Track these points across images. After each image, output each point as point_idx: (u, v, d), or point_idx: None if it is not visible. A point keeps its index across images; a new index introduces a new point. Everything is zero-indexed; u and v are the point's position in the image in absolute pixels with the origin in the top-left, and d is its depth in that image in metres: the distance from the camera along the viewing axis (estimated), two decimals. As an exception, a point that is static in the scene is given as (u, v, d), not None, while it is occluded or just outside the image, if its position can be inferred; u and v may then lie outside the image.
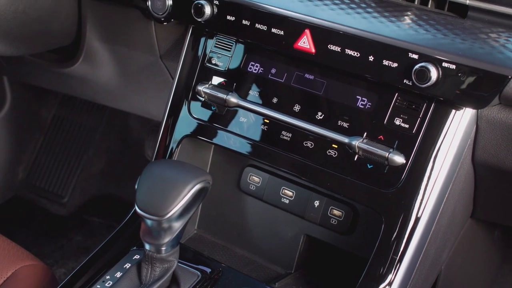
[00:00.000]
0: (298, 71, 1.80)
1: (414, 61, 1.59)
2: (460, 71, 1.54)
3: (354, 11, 1.70)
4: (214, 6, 1.84)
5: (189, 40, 1.97)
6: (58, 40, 2.26)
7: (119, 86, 2.40)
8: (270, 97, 1.81)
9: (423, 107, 1.65)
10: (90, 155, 3.32)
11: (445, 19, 1.64)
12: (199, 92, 1.90)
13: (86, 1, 2.18)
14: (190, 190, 1.56)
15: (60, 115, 3.39)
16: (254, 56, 1.86)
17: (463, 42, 1.56)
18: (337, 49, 1.69)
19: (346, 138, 1.70)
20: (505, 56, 1.52)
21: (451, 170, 1.66)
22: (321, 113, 1.75)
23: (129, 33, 2.18)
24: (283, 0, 1.77)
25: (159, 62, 2.17)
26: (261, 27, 1.78)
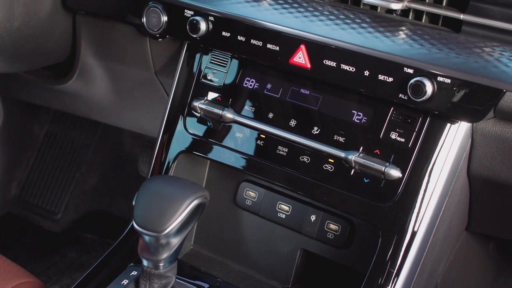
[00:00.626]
0: (294, 86, 1.80)
1: (409, 75, 1.60)
2: (455, 85, 1.56)
3: (349, 26, 1.71)
4: (209, 22, 1.85)
5: (184, 56, 1.98)
6: (53, 57, 2.26)
7: (113, 102, 2.40)
8: (266, 112, 1.82)
9: (418, 121, 1.66)
10: (83, 171, 3.32)
11: (439, 33, 1.65)
12: (194, 108, 1.90)
13: (81, 18, 2.19)
14: (188, 206, 1.56)
15: (52, 132, 3.39)
16: (249, 72, 1.87)
17: (458, 57, 1.58)
18: (332, 64, 1.70)
19: (342, 152, 1.71)
20: (500, 70, 1.53)
21: (447, 184, 1.67)
22: (317, 127, 1.76)
23: (124, 50, 2.19)
24: (278, 16, 1.78)
25: (153, 78, 2.18)
26: (257, 42, 1.79)
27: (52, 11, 2.12)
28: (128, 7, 2.02)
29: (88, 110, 2.60)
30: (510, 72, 1.53)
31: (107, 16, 2.11)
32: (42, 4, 2.08)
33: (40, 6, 2.08)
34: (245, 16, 1.81)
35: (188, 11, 1.88)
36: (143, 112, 2.39)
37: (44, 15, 2.10)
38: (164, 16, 1.93)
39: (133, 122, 2.52)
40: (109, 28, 2.16)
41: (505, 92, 1.52)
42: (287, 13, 1.78)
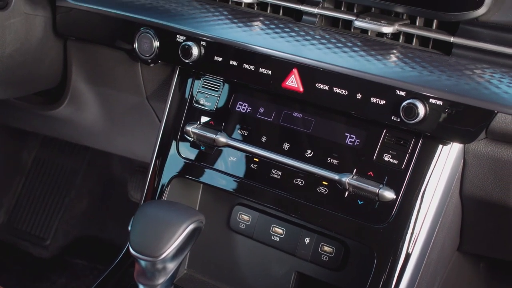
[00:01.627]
0: (286, 109, 1.82)
1: (402, 98, 1.62)
2: (447, 107, 1.58)
3: (341, 50, 1.73)
4: (201, 47, 1.87)
5: (176, 81, 1.99)
6: (44, 83, 2.27)
7: (104, 127, 2.40)
8: (259, 136, 1.83)
9: (411, 143, 1.68)
10: (72, 196, 3.31)
11: (430, 56, 1.68)
12: (187, 132, 1.91)
13: (72, 43, 2.19)
14: (184, 230, 1.56)
15: (41, 157, 3.38)
16: (241, 96, 1.88)
17: (449, 79, 1.60)
18: (325, 87, 1.71)
19: (336, 175, 1.72)
20: (491, 92, 1.56)
21: (441, 204, 1.68)
22: (311, 150, 1.77)
23: (115, 75, 2.19)
24: (270, 40, 1.80)
25: (145, 103, 2.18)
26: (249, 67, 1.81)
27: (44, 37, 2.12)
28: (119, 32, 2.03)
29: (78, 136, 2.59)
30: (500, 93, 1.55)
31: (99, 42, 2.12)
32: (33, 30, 2.09)
33: (31, 32, 2.08)
34: (237, 40, 1.82)
35: (180, 36, 1.90)
36: (134, 137, 2.39)
37: (36, 41, 2.10)
38: (156, 42, 1.94)
39: (123, 147, 2.52)
40: (101, 53, 2.17)
41: (497, 113, 1.54)
42: (278, 38, 1.80)
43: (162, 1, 2.00)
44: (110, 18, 2.03)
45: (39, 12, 2.09)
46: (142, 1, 2.02)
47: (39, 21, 2.10)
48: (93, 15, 2.06)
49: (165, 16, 1.94)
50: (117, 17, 2.01)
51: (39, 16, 2.10)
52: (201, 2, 1.98)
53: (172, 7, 1.97)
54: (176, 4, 1.98)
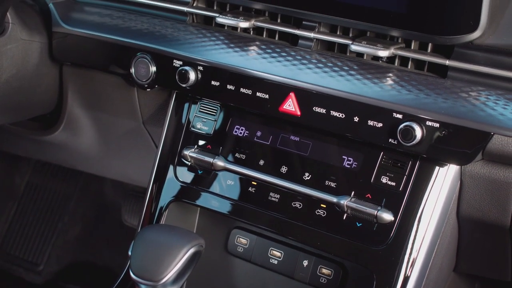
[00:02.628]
0: (283, 133, 1.83)
1: (399, 120, 1.63)
2: (444, 129, 1.59)
3: (337, 73, 1.75)
4: (198, 72, 1.88)
5: (173, 106, 2.00)
6: (40, 108, 2.27)
7: (99, 152, 2.40)
8: (257, 160, 1.85)
9: (408, 165, 1.69)
10: (65, 221, 3.30)
11: (426, 79, 1.70)
12: (185, 157, 1.92)
13: (67, 69, 2.20)
14: (184, 254, 1.57)
15: (33, 182, 3.37)
16: (238, 120, 1.89)
17: (445, 101, 1.62)
18: (322, 111, 1.73)
19: (334, 197, 1.73)
20: (487, 114, 1.58)
21: (439, 226, 1.69)
22: (308, 173, 1.78)
23: (111, 100, 2.20)
24: (267, 64, 1.82)
25: (141, 128, 2.19)
26: (246, 91, 1.82)
27: (40, 63, 2.13)
28: (116, 57, 2.05)
29: (73, 161, 2.59)
30: (496, 115, 1.57)
31: (95, 67, 2.13)
32: (30, 56, 2.10)
33: (28, 58, 2.09)
34: (234, 65, 1.84)
35: (177, 61, 1.91)
36: (129, 162, 2.40)
37: (32, 67, 2.11)
38: (153, 66, 1.96)
39: (119, 171, 2.52)
40: (96, 78, 2.18)
41: (493, 135, 1.56)
42: (275, 62, 1.82)
43: (158, 27, 2.02)
44: (106, 43, 2.04)
45: (35, 38, 2.11)
46: (139, 26, 2.03)
47: (36, 47, 2.11)
48: (89, 41, 2.07)
49: (161, 41, 1.96)
50: (113, 42, 2.03)
51: (35, 42, 2.11)
52: (197, 27, 1.99)
53: (169, 32, 1.98)
54: (172, 29, 1.99)
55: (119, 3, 2.12)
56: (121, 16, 2.09)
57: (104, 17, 2.10)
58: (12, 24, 2.03)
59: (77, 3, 2.18)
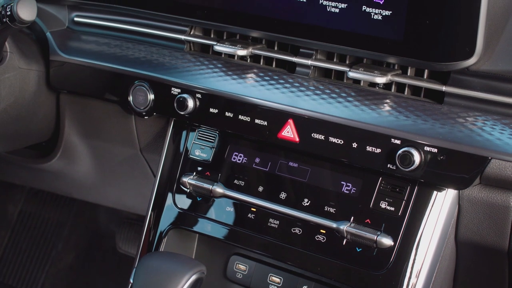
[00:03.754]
0: (282, 159, 1.85)
1: (397, 146, 1.65)
2: (442, 154, 1.61)
3: (335, 100, 1.77)
4: (196, 100, 1.90)
5: (171, 133, 2.01)
6: (36, 136, 2.28)
7: (95, 180, 2.41)
8: (256, 186, 1.86)
9: (407, 190, 1.71)
10: (59, 249, 3.29)
11: (423, 105, 1.72)
12: (184, 184, 1.93)
13: (65, 97, 2.21)
14: (186, 281, 1.58)
15: (26, 210, 3.36)
16: (237, 147, 1.91)
17: (443, 127, 1.64)
18: (320, 137, 1.75)
19: (334, 223, 1.75)
20: (484, 139, 1.60)
21: (438, 250, 1.71)
22: (308, 199, 1.80)
23: (109, 128, 2.21)
24: (265, 92, 1.83)
25: (138, 155, 2.20)
26: (245, 118, 1.84)
27: (37, 91, 2.15)
28: (113, 86, 2.06)
29: (68, 189, 2.59)
30: (494, 140, 1.59)
31: (92, 95, 2.14)
32: (27, 84, 2.11)
33: (25, 86, 2.10)
34: (232, 92, 1.85)
35: (175, 89, 1.92)
36: (126, 189, 2.40)
37: (29, 96, 2.12)
38: (151, 94, 1.97)
39: (115, 199, 2.52)
40: (94, 106, 2.19)
41: (491, 159, 1.58)
42: (273, 89, 1.84)
43: (156, 55, 2.03)
44: (104, 71, 2.06)
45: (32, 67, 2.12)
46: (136, 54, 2.05)
47: (33, 75, 2.12)
48: (87, 69, 2.08)
49: (159, 69, 1.97)
50: (111, 70, 2.04)
51: (33, 70, 2.12)
52: (195, 55, 2.01)
53: (167, 60, 2.00)
54: (170, 57, 2.01)
55: (116, 31, 2.14)
56: (118, 45, 2.11)
57: (102, 46, 2.12)
58: (10, 53, 2.04)
59: (74, 32, 2.20)
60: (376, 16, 1.69)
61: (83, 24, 2.20)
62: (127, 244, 3.03)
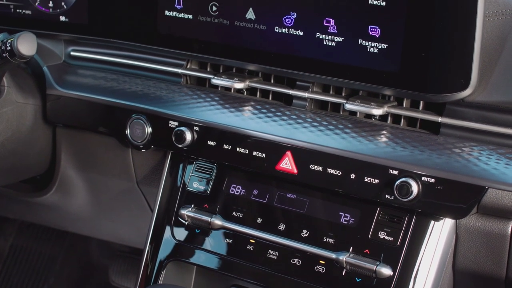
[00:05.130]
0: (280, 191, 1.86)
1: (395, 176, 1.68)
2: (440, 184, 1.64)
3: (333, 132, 1.79)
4: (194, 132, 1.91)
5: (169, 166, 2.03)
6: (32, 170, 2.28)
7: (91, 213, 2.41)
8: (254, 218, 1.87)
9: (405, 219, 1.73)
10: (50, 284, 3.26)
11: (419, 136, 1.75)
12: (182, 216, 1.94)
13: (61, 130, 2.22)
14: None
15: (18, 244, 3.34)
16: (235, 179, 1.92)
17: (440, 157, 1.67)
18: (318, 168, 1.77)
19: (333, 253, 1.76)
20: (480, 168, 1.62)
21: (436, 279, 1.72)
22: (306, 230, 1.81)
23: (105, 161, 2.22)
24: (262, 124, 1.86)
25: (135, 188, 2.21)
26: (243, 150, 1.86)
27: (34, 125, 2.15)
28: (111, 119, 2.07)
29: (63, 222, 2.59)
30: (490, 169, 1.62)
31: (89, 128, 2.15)
32: (24, 118, 2.12)
33: (22, 120, 2.11)
34: (230, 125, 1.87)
35: (173, 122, 1.94)
36: (121, 222, 2.40)
37: (26, 130, 2.13)
38: (149, 127, 1.98)
39: (110, 232, 2.52)
40: (90, 139, 2.20)
41: (488, 189, 1.61)
42: (271, 121, 1.86)
43: (153, 88, 2.05)
44: (101, 105, 2.07)
45: (29, 101, 2.13)
46: (133, 88, 2.07)
47: (30, 109, 2.13)
48: (84, 103, 2.10)
49: (157, 102, 1.99)
50: (108, 104, 2.05)
51: (30, 104, 2.13)
52: (192, 88, 2.03)
53: (164, 94, 2.02)
54: (167, 90, 2.03)
55: (113, 65, 2.16)
56: (115, 78, 2.13)
57: (99, 79, 2.13)
58: (8, 87, 2.06)
59: (70, 66, 2.22)
60: (373, 49, 1.72)
61: (80, 58, 2.22)
62: (120, 277, 3.03)
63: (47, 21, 2.18)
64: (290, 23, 1.82)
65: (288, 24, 1.82)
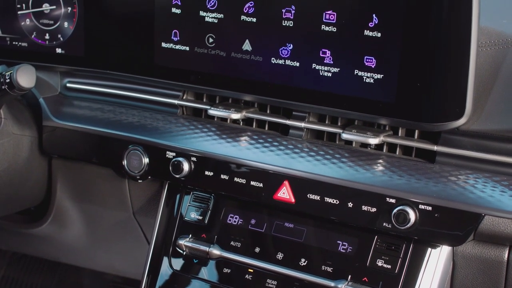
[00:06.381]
0: (278, 220, 1.88)
1: (392, 205, 1.70)
2: (437, 212, 1.66)
3: (329, 161, 1.81)
4: (191, 163, 1.93)
5: (166, 196, 2.03)
6: (28, 201, 2.28)
7: (85, 244, 2.40)
8: (253, 247, 1.88)
9: (402, 247, 1.75)
10: (42, 316, 3.25)
11: (415, 164, 1.77)
12: (180, 246, 1.95)
13: (57, 161, 2.23)
14: None
15: (9, 276, 3.32)
16: (232, 208, 1.93)
17: (436, 185, 1.69)
18: (316, 198, 1.78)
19: (332, 282, 1.77)
20: (477, 196, 1.65)
21: (435, 306, 1.74)
22: (304, 259, 1.82)
23: (101, 192, 2.22)
24: (260, 154, 1.87)
25: (131, 218, 2.21)
26: (240, 180, 1.87)
27: (30, 156, 2.16)
28: (108, 150, 2.08)
29: (57, 253, 2.58)
30: (486, 197, 1.64)
31: (86, 160, 2.16)
32: (20, 150, 2.12)
33: (18, 152, 2.12)
34: (227, 155, 1.89)
35: (170, 152, 1.95)
36: (116, 253, 2.40)
37: (22, 161, 2.14)
38: (146, 158, 1.99)
39: (104, 263, 2.51)
40: (86, 170, 2.21)
41: (484, 216, 1.63)
42: (268, 151, 1.88)
43: (149, 119, 2.07)
44: (98, 136, 2.08)
45: (26, 132, 2.14)
46: (130, 119, 2.08)
47: (26, 141, 2.14)
48: (81, 134, 2.10)
49: (153, 133, 2.01)
50: (105, 135, 2.06)
51: (26, 136, 2.14)
52: (188, 119, 2.05)
53: (160, 125, 2.04)
54: (163, 121, 2.05)
55: (109, 97, 2.18)
56: (111, 110, 2.14)
57: (95, 111, 2.15)
58: (5, 119, 2.06)
59: (66, 98, 2.23)
60: (368, 79, 1.75)
61: (76, 89, 2.23)
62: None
63: (44, 53, 2.19)
64: (287, 54, 1.84)
65: (284, 55, 1.85)
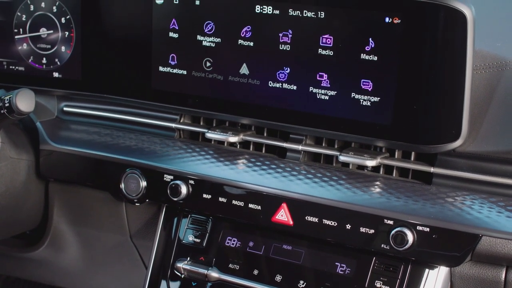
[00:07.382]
0: (276, 242, 1.89)
1: (390, 226, 1.71)
2: (434, 233, 1.67)
3: (327, 183, 1.83)
4: (189, 186, 1.94)
5: (163, 219, 2.04)
6: (25, 225, 2.28)
7: (82, 267, 2.39)
8: (251, 269, 1.89)
9: (400, 268, 1.76)
10: None
11: (412, 186, 1.79)
12: (178, 269, 1.95)
13: (54, 185, 2.23)
14: None
15: (2, 301, 3.30)
16: (230, 231, 1.94)
17: (433, 206, 1.71)
18: (314, 220, 1.79)
19: (330, 304, 1.78)
20: (474, 217, 1.67)
21: (433, 327, 1.75)
22: (303, 281, 1.83)
23: (98, 215, 2.23)
24: (257, 177, 1.88)
25: (128, 241, 2.21)
26: (238, 203, 1.88)
27: (27, 180, 2.16)
28: (105, 173, 2.08)
29: (53, 277, 2.57)
30: (483, 218, 1.66)
31: (83, 183, 2.16)
32: (17, 174, 2.13)
33: (15, 176, 2.12)
34: (225, 178, 1.90)
35: (168, 175, 1.96)
36: (113, 276, 2.39)
37: (19, 185, 2.14)
38: (143, 181, 2.00)
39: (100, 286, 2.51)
40: (83, 193, 2.21)
41: (481, 237, 1.65)
42: (266, 174, 1.89)
43: (147, 143, 2.08)
44: (95, 160, 2.08)
45: (23, 156, 2.14)
46: (127, 142, 2.09)
47: (23, 164, 2.14)
48: (78, 158, 2.11)
49: (151, 157, 2.02)
50: (102, 159, 2.07)
51: (23, 160, 2.14)
52: (185, 142, 2.06)
53: (158, 148, 2.05)
54: (161, 144, 2.06)
55: (106, 120, 2.19)
56: (108, 133, 2.15)
57: (92, 134, 2.16)
58: (2, 143, 2.07)
59: (63, 121, 2.24)
60: (365, 102, 1.77)
61: (73, 113, 2.25)
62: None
63: (41, 77, 2.21)
64: (284, 78, 1.86)
65: (281, 79, 1.87)
